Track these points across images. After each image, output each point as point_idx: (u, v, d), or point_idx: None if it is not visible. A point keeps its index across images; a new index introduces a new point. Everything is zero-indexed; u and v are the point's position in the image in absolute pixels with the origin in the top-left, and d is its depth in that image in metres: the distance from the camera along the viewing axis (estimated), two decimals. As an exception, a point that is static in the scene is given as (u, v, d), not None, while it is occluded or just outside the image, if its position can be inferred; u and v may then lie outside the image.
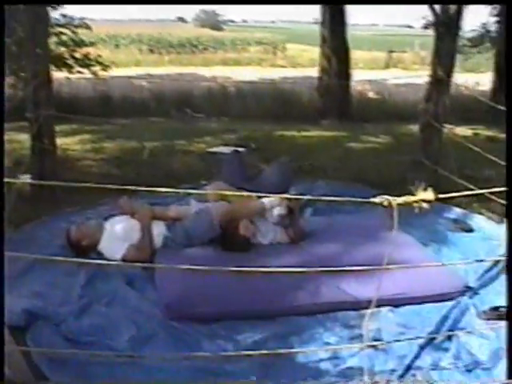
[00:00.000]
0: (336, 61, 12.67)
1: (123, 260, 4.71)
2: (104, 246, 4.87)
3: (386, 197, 2.80)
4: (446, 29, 6.71)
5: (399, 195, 2.84)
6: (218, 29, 64.06)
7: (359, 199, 3.02)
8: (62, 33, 12.67)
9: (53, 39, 11.21)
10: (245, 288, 4.04)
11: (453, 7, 6.54)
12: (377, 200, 2.81)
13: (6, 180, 2.50)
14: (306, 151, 8.88)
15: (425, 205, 2.83)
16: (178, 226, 4.97)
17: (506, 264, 3.05)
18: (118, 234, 4.90)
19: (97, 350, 3.54)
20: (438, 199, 2.84)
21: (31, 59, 6.18)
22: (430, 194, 2.82)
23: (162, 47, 36.19)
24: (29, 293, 4.17)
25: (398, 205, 2.79)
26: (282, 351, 3.50)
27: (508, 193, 2.92)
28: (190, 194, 5.47)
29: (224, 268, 3.65)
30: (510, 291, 2.92)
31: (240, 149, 8.61)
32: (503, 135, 10.70)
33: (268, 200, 5.09)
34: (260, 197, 5.04)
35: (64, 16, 13.15)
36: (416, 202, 2.82)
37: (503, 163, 5.88)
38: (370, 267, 3.36)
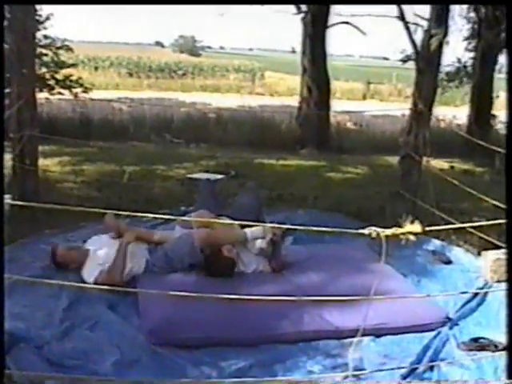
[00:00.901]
0: (316, 91, 12.79)
1: (95, 283, 4.67)
2: (84, 269, 4.86)
3: (375, 228, 2.85)
4: (427, 63, 6.83)
5: (379, 226, 2.88)
6: (196, 54, 64.13)
7: (347, 230, 3.06)
8: (43, 54, 12.70)
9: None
10: (228, 315, 4.05)
11: (434, 43, 6.68)
12: (365, 231, 2.86)
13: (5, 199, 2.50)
14: (285, 180, 8.95)
15: (412, 237, 2.89)
16: (159, 250, 4.99)
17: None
18: (98, 259, 4.89)
19: (80, 374, 3.51)
20: (424, 232, 2.90)
21: (17, 79, 6.19)
22: (417, 227, 2.87)
23: (141, 71, 36.22)
24: (10, 315, 4.13)
25: (386, 236, 2.83)
26: (267, 379, 3.51)
27: (508, 214, 2.96)
28: (170, 219, 5.48)
29: (207, 295, 3.64)
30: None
31: (219, 176, 8.67)
32: (478, 169, 10.90)
33: (250, 230, 5.11)
34: (243, 226, 5.06)
35: (46, 37, 13.20)
36: (403, 234, 2.88)
37: (479, 196, 6.05)
38: (356, 297, 3.40)
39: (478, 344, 4.08)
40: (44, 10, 12.82)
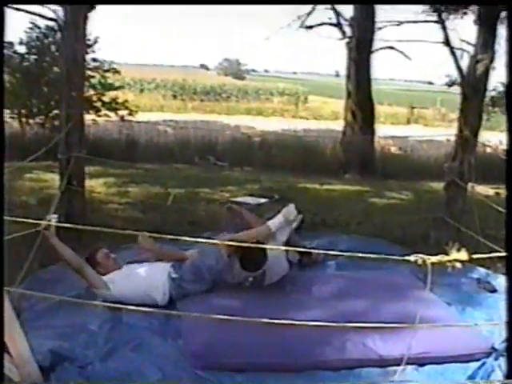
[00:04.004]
0: (360, 115, 12.80)
1: None
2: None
3: (421, 255, 2.83)
4: (473, 89, 6.78)
5: (423, 252, 2.86)
6: (241, 78, 64.67)
7: (393, 257, 3.04)
8: (91, 76, 12.96)
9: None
10: (271, 340, 4.04)
11: (480, 68, 6.63)
12: (411, 258, 2.84)
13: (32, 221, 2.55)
14: (328, 204, 8.92)
15: (458, 265, 2.86)
16: (186, 263, 5.01)
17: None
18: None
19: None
20: (471, 260, 2.87)
21: (66, 102, 6.31)
22: (463, 255, 2.85)
23: (186, 94, 36.69)
24: (55, 334, 4.19)
25: (432, 264, 2.81)
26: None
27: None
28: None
29: (250, 319, 3.65)
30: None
31: (262, 200, 8.68)
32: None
33: (272, 222, 5.13)
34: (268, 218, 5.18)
35: (94, 60, 13.51)
36: (450, 261, 2.85)
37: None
38: (400, 325, 3.36)
39: (525, 375, 3.98)
40: (92, 33, 13.16)
